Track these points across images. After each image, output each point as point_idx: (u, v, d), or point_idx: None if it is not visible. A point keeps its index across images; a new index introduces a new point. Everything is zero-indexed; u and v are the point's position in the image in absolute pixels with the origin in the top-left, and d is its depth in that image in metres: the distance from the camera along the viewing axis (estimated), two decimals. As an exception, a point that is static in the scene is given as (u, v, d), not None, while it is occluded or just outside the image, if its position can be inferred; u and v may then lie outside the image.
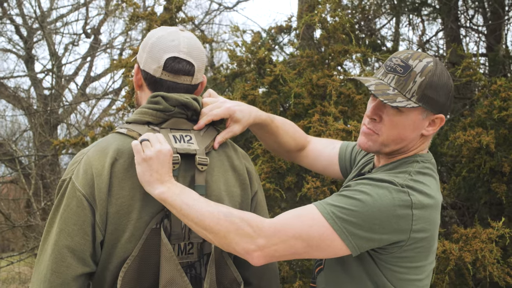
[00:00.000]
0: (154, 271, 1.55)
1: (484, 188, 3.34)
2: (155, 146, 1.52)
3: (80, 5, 12.41)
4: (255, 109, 1.82)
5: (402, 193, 1.47)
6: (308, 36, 4.40)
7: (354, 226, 1.45)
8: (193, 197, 1.51)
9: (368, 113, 1.63)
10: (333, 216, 1.46)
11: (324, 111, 3.27)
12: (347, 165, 1.96)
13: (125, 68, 4.15)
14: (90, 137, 4.11)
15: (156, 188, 1.49)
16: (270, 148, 2.04)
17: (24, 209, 10.22)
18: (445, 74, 1.58)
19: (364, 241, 1.46)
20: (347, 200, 1.48)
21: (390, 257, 1.52)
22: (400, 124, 1.58)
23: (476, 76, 3.23)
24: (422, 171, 1.59)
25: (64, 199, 1.52)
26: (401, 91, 1.56)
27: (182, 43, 1.64)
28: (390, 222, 1.45)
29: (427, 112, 1.59)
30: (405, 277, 1.56)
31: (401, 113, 1.57)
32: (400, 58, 1.59)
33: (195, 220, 1.48)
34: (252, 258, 1.48)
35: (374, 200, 1.45)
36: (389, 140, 1.61)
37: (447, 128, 3.68)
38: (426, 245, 1.54)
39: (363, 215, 1.44)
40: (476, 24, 5.37)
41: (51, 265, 1.48)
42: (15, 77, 12.08)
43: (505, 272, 2.80)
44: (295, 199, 3.26)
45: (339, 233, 1.45)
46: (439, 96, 1.57)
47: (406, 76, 1.56)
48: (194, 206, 1.48)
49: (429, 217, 1.51)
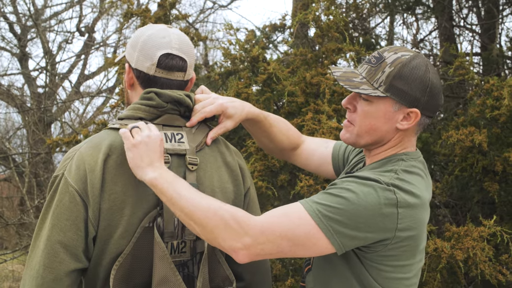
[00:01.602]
0: (146, 268, 1.55)
1: (477, 187, 3.35)
2: (144, 131, 1.52)
3: (74, 3, 12.38)
4: (248, 105, 1.81)
5: (388, 191, 1.47)
6: (303, 35, 4.40)
7: (340, 224, 1.44)
8: (184, 186, 1.49)
9: (343, 102, 1.66)
10: (319, 214, 1.45)
11: (318, 110, 3.27)
12: (340, 164, 1.95)
13: (118, 66, 4.14)
14: (83, 135, 4.10)
15: (147, 173, 1.49)
16: (263, 146, 2.03)
17: (17, 207, 10.19)
18: (421, 69, 1.56)
19: (349, 239, 1.46)
20: (333, 198, 1.47)
21: (375, 255, 1.52)
22: (370, 114, 1.59)
23: (469, 75, 3.24)
24: (409, 169, 1.58)
25: (56, 195, 1.51)
26: (369, 80, 1.57)
27: (173, 40, 1.64)
28: (375, 221, 1.45)
29: (399, 105, 1.57)
30: (391, 276, 1.55)
31: (371, 103, 1.58)
32: (379, 51, 1.61)
33: (185, 211, 1.47)
34: (237, 256, 1.47)
35: (359, 198, 1.45)
36: (362, 131, 1.61)
37: (440, 127, 3.69)
38: (412, 243, 1.53)
39: (349, 213, 1.44)
40: (470, 23, 5.38)
41: (43, 261, 1.47)
42: (8, 75, 12.04)
43: (497, 270, 2.81)
44: (288, 197, 3.26)
45: (324, 232, 1.44)
46: (411, 89, 1.55)
47: (377, 66, 1.57)
48: (185, 196, 1.47)
49: (415, 216, 1.50)
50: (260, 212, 1.82)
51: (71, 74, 12.74)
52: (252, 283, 1.81)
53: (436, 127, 3.85)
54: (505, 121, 3.10)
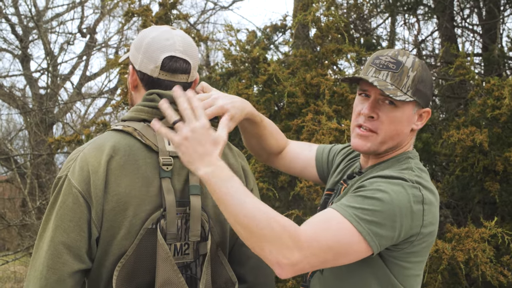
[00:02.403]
0: (149, 269, 1.54)
1: (478, 187, 3.35)
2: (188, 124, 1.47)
3: (75, 4, 12.39)
4: (248, 105, 1.77)
5: (415, 188, 1.49)
6: (304, 35, 4.39)
7: (378, 226, 1.43)
8: (237, 187, 1.43)
9: (366, 111, 1.61)
10: (357, 218, 1.43)
11: (318, 110, 3.27)
12: (324, 167, 1.95)
13: (119, 67, 4.14)
14: (85, 135, 4.10)
15: (199, 169, 1.44)
16: (251, 147, 1.99)
17: (19, 208, 10.20)
18: (427, 69, 1.64)
19: (385, 239, 1.45)
20: (367, 200, 1.46)
21: (401, 253, 1.53)
22: (396, 120, 1.60)
23: (469, 75, 3.24)
24: (420, 167, 1.62)
25: (60, 196, 1.51)
26: (398, 86, 1.58)
27: (177, 42, 1.64)
28: (407, 219, 1.46)
29: (417, 107, 1.62)
30: (411, 273, 1.57)
31: (397, 108, 1.59)
32: (389, 56, 1.61)
33: (234, 213, 1.40)
34: (281, 271, 1.40)
35: (392, 198, 1.45)
36: (387, 137, 1.61)
37: (441, 128, 3.69)
38: (430, 239, 1.57)
39: (385, 213, 1.43)
40: (471, 23, 5.38)
41: (47, 262, 1.47)
42: (10, 76, 12.06)
43: (498, 272, 2.80)
44: (288, 198, 3.26)
45: (364, 235, 1.42)
46: (427, 89, 1.62)
47: (400, 71, 1.58)
48: (237, 198, 1.40)
49: (434, 211, 1.54)
50: None
51: (72, 76, 12.77)
52: (255, 285, 1.79)
53: (437, 127, 3.84)
54: (506, 121, 3.10)
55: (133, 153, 1.55)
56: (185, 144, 1.46)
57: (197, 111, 1.49)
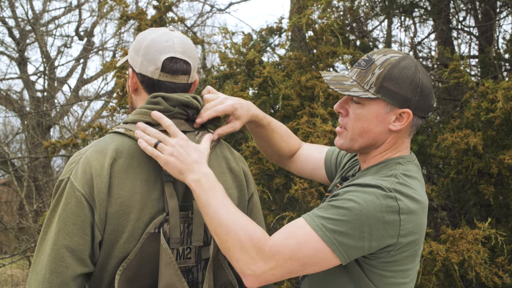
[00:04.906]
0: (151, 272, 1.54)
1: (473, 190, 3.35)
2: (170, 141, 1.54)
3: (72, 7, 12.40)
4: (253, 107, 1.82)
5: (390, 198, 1.46)
6: (300, 38, 4.40)
7: (344, 236, 1.43)
8: (218, 197, 1.50)
9: (335, 107, 1.66)
10: (323, 228, 1.44)
11: (313, 113, 3.27)
12: (332, 169, 1.95)
13: (116, 70, 4.14)
14: (80, 139, 4.09)
15: (187, 176, 1.51)
16: (262, 149, 2.03)
17: (16, 212, 10.19)
18: (411, 69, 1.57)
19: (354, 250, 1.45)
20: (336, 210, 1.46)
21: (378, 262, 1.52)
22: (362, 117, 1.59)
23: (464, 78, 3.24)
24: (408, 173, 1.58)
25: (62, 199, 1.50)
26: (360, 83, 1.58)
27: (176, 43, 1.64)
28: (378, 229, 1.44)
29: (390, 106, 1.58)
30: (392, 281, 1.55)
31: (362, 105, 1.59)
32: (367, 54, 1.62)
33: (209, 221, 1.48)
34: (246, 281, 1.46)
35: (361, 207, 1.43)
36: (355, 134, 1.62)
37: (436, 130, 3.69)
38: (413, 248, 1.54)
39: (352, 224, 1.43)
40: (467, 25, 5.38)
41: (50, 265, 1.46)
42: (7, 79, 12.03)
43: (492, 273, 2.80)
44: (284, 200, 3.26)
45: (329, 245, 1.43)
46: (402, 89, 1.56)
47: (366, 68, 1.59)
48: (214, 207, 1.48)
49: (416, 221, 1.50)
50: (263, 218, 1.83)
51: (69, 78, 12.76)
52: None
53: (433, 130, 3.85)
54: (500, 124, 3.10)
55: (136, 156, 1.55)
56: (172, 159, 1.51)
57: (171, 128, 1.56)
